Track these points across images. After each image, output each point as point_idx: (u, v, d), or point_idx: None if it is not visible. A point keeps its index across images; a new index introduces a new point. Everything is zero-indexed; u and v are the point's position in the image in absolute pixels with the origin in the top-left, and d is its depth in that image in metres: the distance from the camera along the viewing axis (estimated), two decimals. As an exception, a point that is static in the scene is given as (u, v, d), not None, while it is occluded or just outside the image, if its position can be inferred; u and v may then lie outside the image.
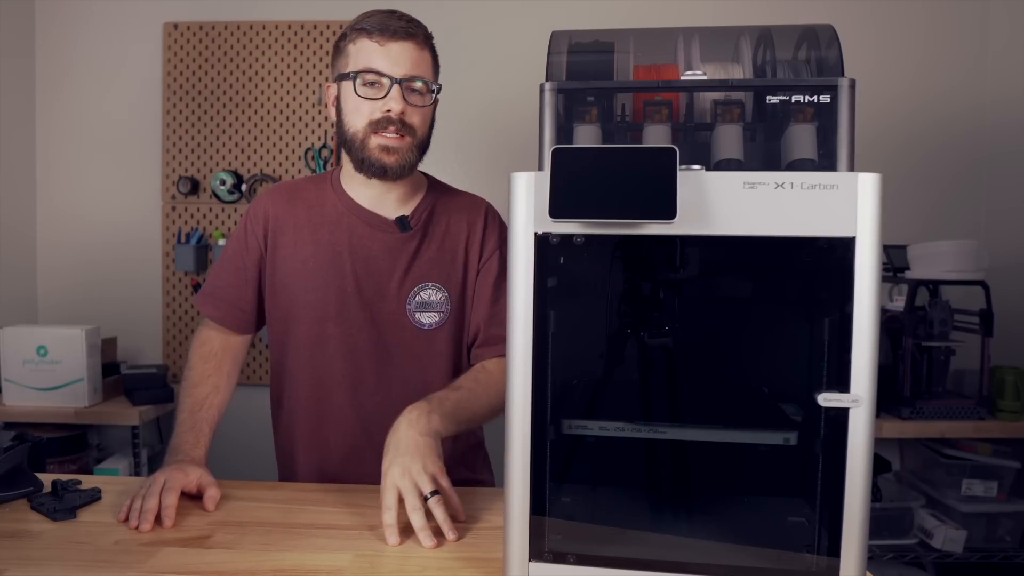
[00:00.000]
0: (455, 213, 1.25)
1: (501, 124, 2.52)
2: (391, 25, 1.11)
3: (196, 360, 1.23)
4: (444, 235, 1.23)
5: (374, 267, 1.20)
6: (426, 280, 1.21)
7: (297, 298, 1.21)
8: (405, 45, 1.11)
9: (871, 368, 0.68)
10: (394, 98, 1.11)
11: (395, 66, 1.11)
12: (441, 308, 1.21)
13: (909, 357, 2.06)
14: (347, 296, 1.20)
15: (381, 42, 1.11)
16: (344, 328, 1.20)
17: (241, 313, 1.25)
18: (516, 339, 0.73)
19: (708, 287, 0.78)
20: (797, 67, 0.81)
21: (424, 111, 1.15)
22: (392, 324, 1.20)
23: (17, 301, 2.60)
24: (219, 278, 1.27)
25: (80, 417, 2.21)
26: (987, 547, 2.10)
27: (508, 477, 0.75)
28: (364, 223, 1.21)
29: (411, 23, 1.14)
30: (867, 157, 0.88)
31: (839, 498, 0.69)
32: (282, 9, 2.60)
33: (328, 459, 1.22)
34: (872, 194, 0.67)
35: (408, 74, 1.11)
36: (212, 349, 1.24)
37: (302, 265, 1.21)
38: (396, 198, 1.22)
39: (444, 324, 1.22)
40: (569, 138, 0.79)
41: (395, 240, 1.21)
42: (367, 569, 0.85)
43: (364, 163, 1.14)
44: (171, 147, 2.63)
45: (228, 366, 1.24)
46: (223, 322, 1.25)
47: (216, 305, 1.25)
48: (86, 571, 0.83)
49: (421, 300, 1.21)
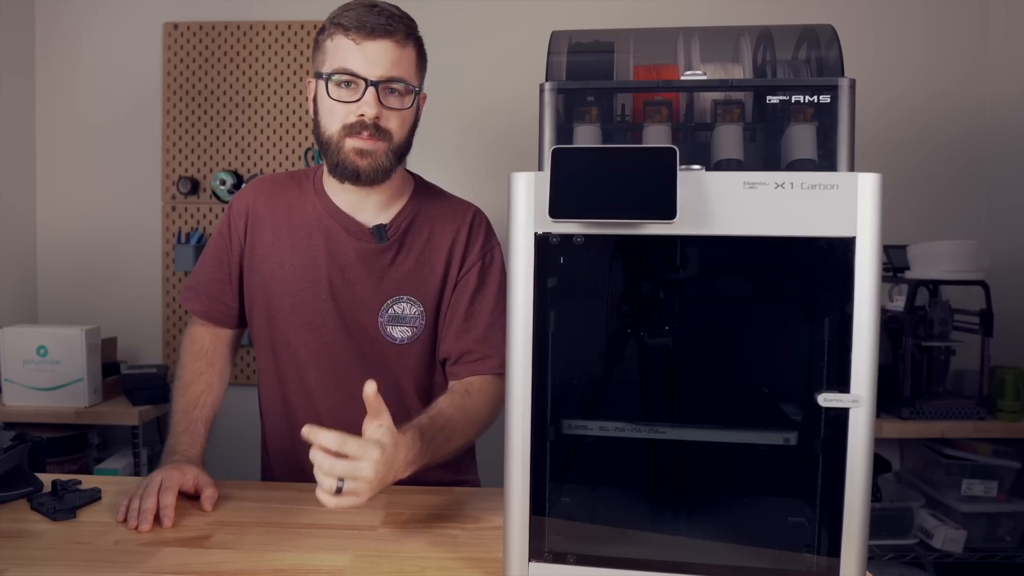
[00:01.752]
0: (439, 222, 1.19)
1: (501, 124, 2.52)
2: (368, 22, 1.04)
3: (188, 358, 1.22)
4: (425, 246, 1.18)
5: (349, 275, 1.16)
6: (400, 293, 1.17)
7: (273, 300, 1.19)
8: (383, 44, 1.05)
9: (871, 368, 0.68)
10: (368, 102, 1.05)
11: (371, 67, 1.05)
12: (415, 323, 1.17)
13: (909, 357, 2.06)
14: (321, 303, 1.16)
15: (357, 40, 1.04)
16: (318, 335, 1.17)
17: (225, 308, 1.24)
18: (516, 339, 0.73)
19: (708, 287, 0.78)
20: (797, 67, 0.81)
21: (402, 114, 1.09)
22: (366, 335, 1.17)
23: (17, 301, 2.60)
24: (202, 272, 1.25)
25: (80, 417, 2.21)
26: (987, 547, 2.09)
27: (508, 477, 0.75)
28: (342, 228, 1.17)
29: (391, 18, 1.06)
30: (867, 157, 0.88)
31: (839, 498, 0.69)
32: (282, 9, 2.60)
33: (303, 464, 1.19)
34: (872, 194, 0.67)
35: (385, 75, 1.05)
36: (203, 347, 1.23)
37: (279, 267, 1.18)
38: (377, 202, 1.17)
39: (417, 339, 1.18)
40: (569, 138, 0.79)
41: (371, 249, 1.16)
42: (367, 569, 0.85)
43: (338, 167, 1.10)
44: (171, 147, 2.63)
45: (220, 363, 1.24)
46: (208, 316, 1.24)
47: (200, 300, 1.24)
48: (86, 571, 0.83)
49: (394, 313, 1.17)
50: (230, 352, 1.27)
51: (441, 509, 1.05)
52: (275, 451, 1.25)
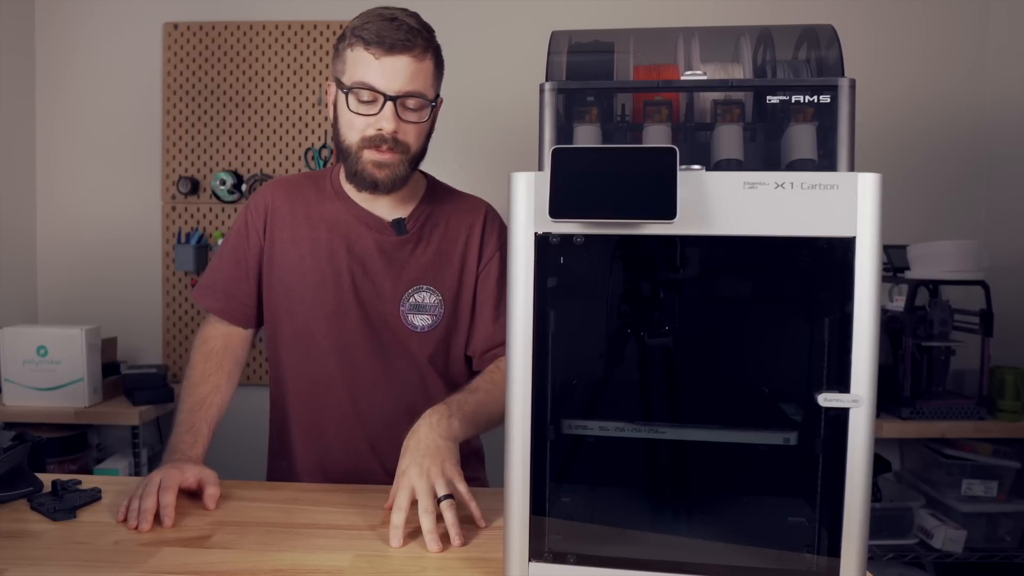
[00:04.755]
0: (453, 215, 1.24)
1: (501, 124, 2.52)
2: (388, 37, 1.07)
3: (197, 359, 1.23)
4: (441, 238, 1.23)
5: (370, 267, 1.20)
6: (420, 283, 1.21)
7: (293, 294, 1.21)
8: (401, 59, 1.07)
9: (871, 368, 0.68)
10: (386, 117, 1.08)
11: (389, 82, 1.07)
12: (434, 311, 1.21)
13: (909, 357, 2.06)
14: (343, 294, 1.20)
15: (377, 54, 1.07)
16: (339, 326, 1.20)
17: (242, 306, 1.25)
18: (516, 339, 0.73)
19: (708, 287, 0.78)
20: (797, 67, 0.81)
21: (419, 127, 1.13)
22: (386, 324, 1.21)
23: (17, 301, 2.60)
24: (218, 270, 1.26)
25: (80, 417, 2.21)
26: (987, 547, 2.10)
27: (508, 477, 0.75)
28: (361, 222, 1.21)
29: (410, 32, 1.08)
30: (867, 157, 0.88)
31: (839, 498, 0.69)
32: (282, 9, 2.60)
33: (328, 455, 1.23)
34: (872, 194, 0.67)
35: (403, 90, 1.08)
36: (213, 348, 1.24)
37: (299, 261, 1.21)
38: (393, 200, 1.21)
39: (437, 327, 1.22)
40: (569, 138, 0.79)
41: (390, 242, 1.21)
42: (367, 569, 0.85)
43: (356, 175, 1.14)
44: (171, 147, 2.63)
45: (229, 365, 1.24)
46: (223, 314, 1.25)
47: (216, 297, 1.25)
48: (86, 571, 0.83)
49: (415, 302, 1.21)
50: (241, 355, 1.27)
51: (441, 509, 1.05)
52: (300, 444, 1.25)
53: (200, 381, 1.20)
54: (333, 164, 2.57)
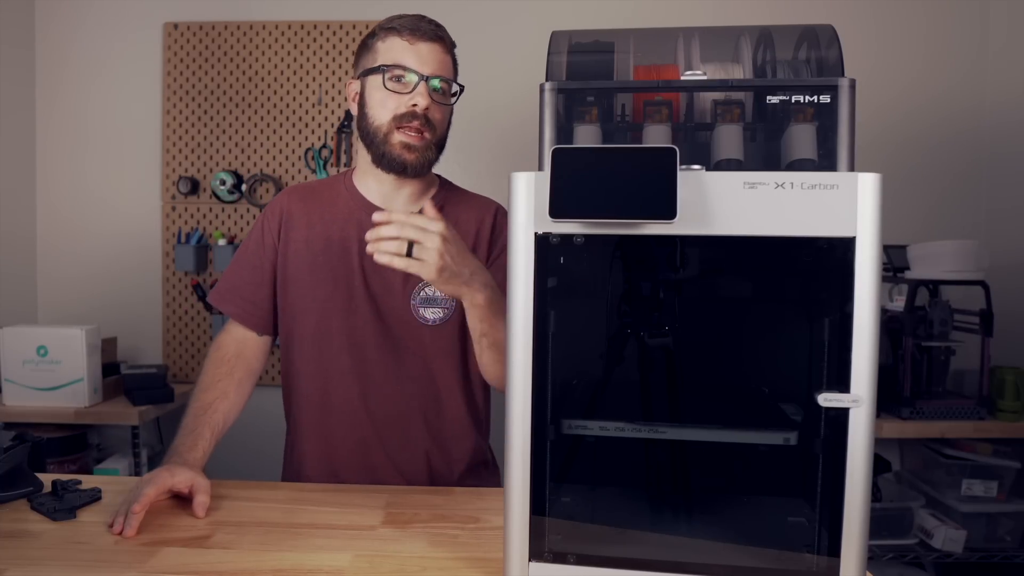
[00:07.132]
0: (464, 212, 1.27)
1: (501, 124, 2.52)
2: (421, 27, 1.17)
3: (208, 365, 1.23)
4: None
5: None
6: None
7: (305, 292, 1.23)
8: (433, 46, 1.17)
9: (871, 368, 0.68)
10: (420, 93, 1.15)
11: (423, 64, 1.15)
12: (445, 304, 1.22)
13: (909, 357, 2.07)
14: (354, 290, 1.21)
15: (411, 41, 1.16)
16: (351, 322, 1.21)
17: (258, 310, 1.25)
18: (516, 339, 0.73)
19: (708, 287, 0.78)
20: (797, 67, 0.81)
21: (445, 109, 1.21)
22: (398, 319, 1.22)
23: (17, 301, 2.60)
24: (235, 275, 1.28)
25: (80, 417, 2.21)
26: (987, 547, 2.10)
27: (508, 477, 0.75)
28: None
29: (439, 28, 1.19)
30: (867, 157, 0.88)
31: (839, 498, 0.69)
32: (282, 9, 2.60)
33: (336, 452, 1.23)
34: (872, 194, 0.67)
35: (435, 72, 1.16)
36: (225, 354, 1.24)
37: (312, 259, 1.23)
38: (408, 195, 1.24)
39: (449, 320, 1.23)
40: (569, 138, 0.79)
41: None
42: (367, 569, 0.85)
43: (384, 157, 1.17)
44: (171, 147, 2.63)
45: (240, 373, 1.23)
46: (240, 318, 1.26)
47: (233, 301, 1.26)
48: (86, 571, 0.83)
49: (426, 296, 1.22)
50: (255, 364, 1.26)
51: (441, 509, 1.05)
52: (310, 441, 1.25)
53: (208, 387, 1.20)
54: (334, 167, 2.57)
